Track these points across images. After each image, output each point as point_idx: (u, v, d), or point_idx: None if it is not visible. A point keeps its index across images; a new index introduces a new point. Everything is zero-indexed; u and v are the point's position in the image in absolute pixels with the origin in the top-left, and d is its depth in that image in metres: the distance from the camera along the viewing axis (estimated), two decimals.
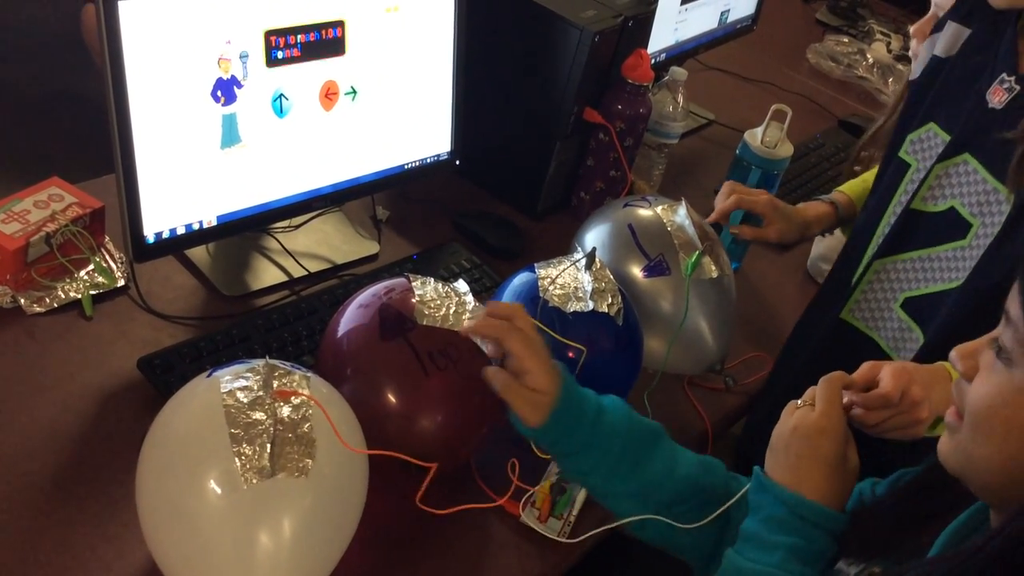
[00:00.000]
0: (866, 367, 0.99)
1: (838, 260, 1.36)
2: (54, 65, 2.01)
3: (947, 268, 1.15)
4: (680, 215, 1.27)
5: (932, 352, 1.13)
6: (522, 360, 0.91)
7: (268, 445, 0.80)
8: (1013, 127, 1.02)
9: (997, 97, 1.09)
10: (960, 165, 1.13)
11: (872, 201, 1.27)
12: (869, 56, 2.41)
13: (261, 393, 0.83)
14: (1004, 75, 1.09)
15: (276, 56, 1.14)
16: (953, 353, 0.75)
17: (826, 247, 1.58)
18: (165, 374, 1.07)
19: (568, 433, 0.93)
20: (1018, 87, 1.07)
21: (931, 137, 1.18)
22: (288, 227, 1.36)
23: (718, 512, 0.94)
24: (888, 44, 2.50)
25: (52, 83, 2.00)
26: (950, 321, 1.14)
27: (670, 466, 0.97)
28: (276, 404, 0.83)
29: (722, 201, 1.38)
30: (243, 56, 1.11)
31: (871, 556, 0.82)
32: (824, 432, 0.86)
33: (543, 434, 0.93)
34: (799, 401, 0.91)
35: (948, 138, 1.15)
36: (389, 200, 1.50)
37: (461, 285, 1.06)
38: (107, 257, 1.22)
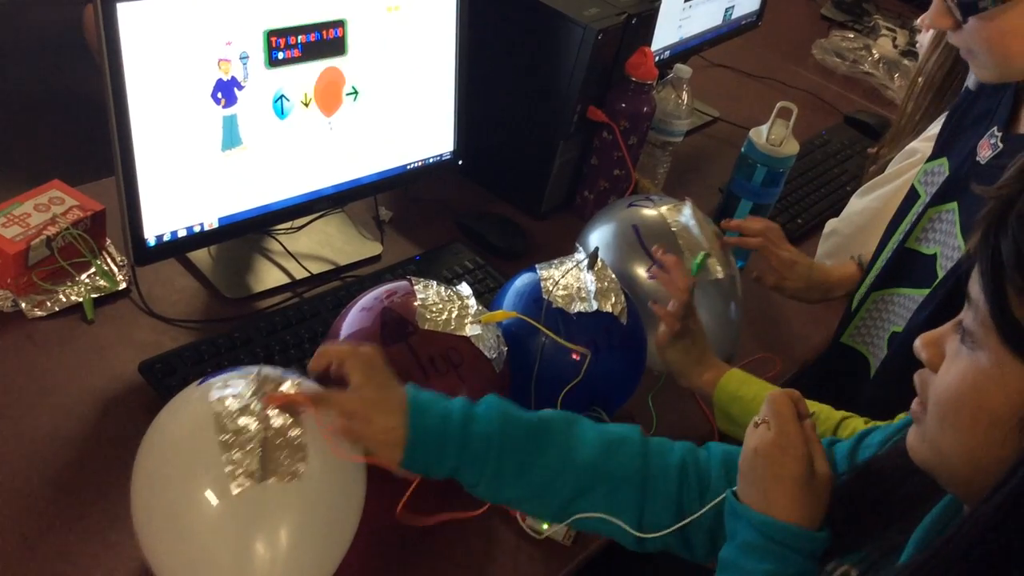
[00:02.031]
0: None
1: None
2: (55, 67, 2.01)
3: None
4: (685, 215, 1.26)
5: (874, 396, 1.11)
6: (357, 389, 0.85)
7: (258, 451, 0.80)
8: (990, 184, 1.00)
9: (983, 151, 1.05)
10: (947, 213, 1.11)
11: (888, 225, 1.25)
12: (875, 51, 2.40)
13: (251, 400, 0.83)
14: (995, 129, 1.05)
15: (277, 57, 1.13)
16: (917, 342, 0.73)
17: (833, 245, 1.57)
18: (166, 378, 1.07)
19: (435, 459, 0.86)
20: (1002, 144, 1.03)
21: (941, 172, 1.15)
22: (290, 228, 1.35)
23: (674, 527, 0.89)
24: (894, 39, 2.48)
25: (53, 85, 2.00)
26: (884, 368, 1.14)
27: (563, 460, 0.90)
28: (266, 410, 0.83)
29: (749, 227, 1.36)
30: (243, 57, 1.10)
31: (847, 550, 0.80)
32: (784, 450, 0.83)
33: (411, 468, 0.86)
34: (757, 418, 0.88)
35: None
36: (392, 200, 1.49)
37: (464, 288, 1.05)
38: (108, 260, 1.21)
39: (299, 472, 0.80)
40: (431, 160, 1.40)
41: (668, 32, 1.75)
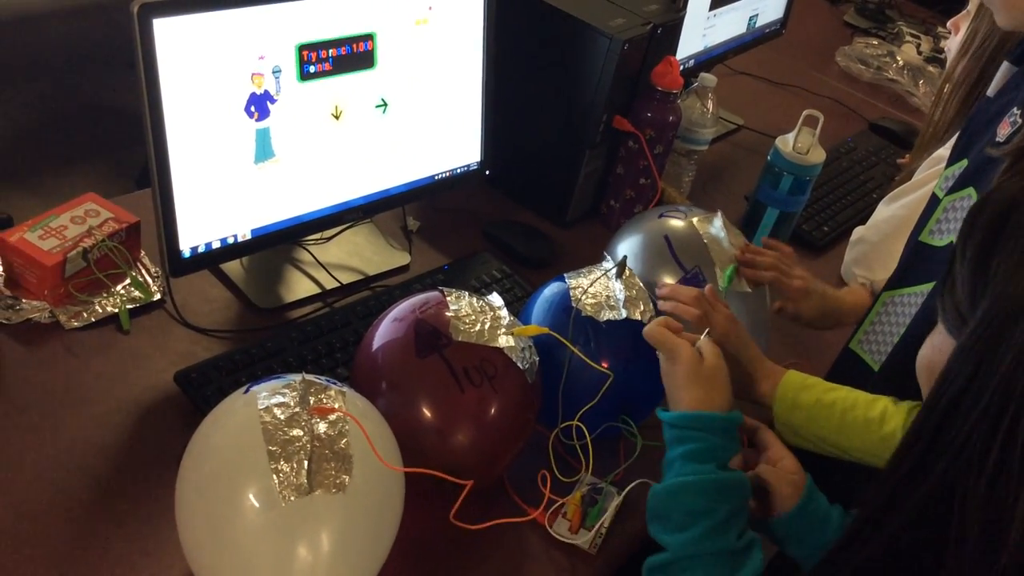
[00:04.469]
0: None
1: None
2: (89, 80, 2.03)
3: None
4: (716, 227, 1.26)
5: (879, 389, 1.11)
6: (773, 448, 1.02)
7: (305, 462, 0.81)
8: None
9: (1004, 130, 1.04)
10: (964, 199, 1.09)
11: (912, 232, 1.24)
12: (899, 58, 2.39)
13: (298, 409, 0.84)
14: (1015, 109, 1.04)
15: (308, 70, 1.15)
16: None
17: (860, 252, 1.56)
18: (202, 388, 1.08)
19: (812, 525, 0.97)
20: (1021, 120, 1.02)
21: (958, 175, 1.15)
22: (320, 239, 1.36)
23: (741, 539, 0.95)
24: (918, 46, 2.47)
25: (81, 98, 2.02)
26: (887, 365, 1.12)
27: None
28: (313, 420, 0.83)
29: (761, 260, 1.30)
30: (276, 71, 1.12)
31: None
32: (672, 358, 1.00)
33: (792, 520, 0.98)
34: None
35: None
36: (419, 210, 1.50)
37: (495, 299, 1.06)
38: (143, 271, 1.23)
39: (344, 484, 0.81)
40: (458, 170, 1.41)
41: (693, 41, 1.75)
